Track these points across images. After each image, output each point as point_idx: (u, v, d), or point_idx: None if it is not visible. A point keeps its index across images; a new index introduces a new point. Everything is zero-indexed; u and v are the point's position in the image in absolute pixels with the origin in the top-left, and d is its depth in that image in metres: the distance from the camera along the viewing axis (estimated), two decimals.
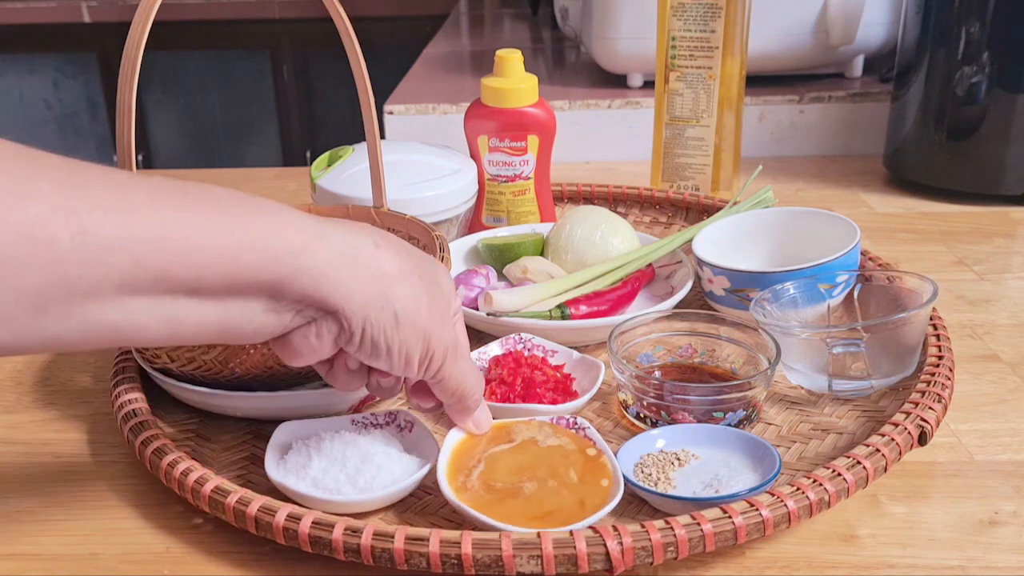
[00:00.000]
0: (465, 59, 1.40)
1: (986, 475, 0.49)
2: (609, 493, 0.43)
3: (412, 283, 0.38)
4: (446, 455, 0.45)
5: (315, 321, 0.37)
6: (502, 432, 0.47)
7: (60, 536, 0.46)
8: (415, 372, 0.40)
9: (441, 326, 0.40)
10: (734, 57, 0.83)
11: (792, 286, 0.58)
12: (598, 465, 0.45)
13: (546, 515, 0.42)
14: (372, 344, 0.38)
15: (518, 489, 0.43)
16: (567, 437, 0.47)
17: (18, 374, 0.62)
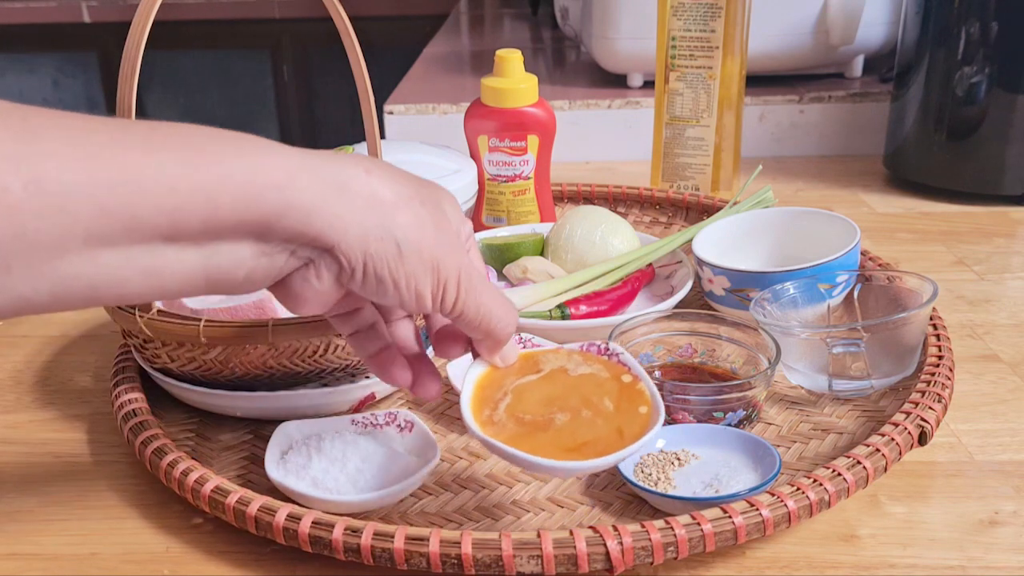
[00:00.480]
0: (465, 59, 1.40)
1: (986, 475, 0.49)
2: (649, 420, 0.40)
3: (412, 209, 0.35)
4: (469, 388, 0.41)
5: (312, 262, 0.34)
6: (529, 362, 0.43)
7: (60, 536, 0.46)
8: (429, 306, 0.36)
9: (451, 253, 0.36)
10: (734, 57, 0.83)
11: (792, 286, 0.58)
12: (634, 392, 0.41)
13: (581, 446, 0.39)
14: (377, 279, 0.34)
15: (549, 421, 0.40)
16: (599, 364, 0.43)
17: (18, 374, 0.62)
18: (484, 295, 0.38)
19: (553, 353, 0.44)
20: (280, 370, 0.51)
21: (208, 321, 0.49)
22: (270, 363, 0.50)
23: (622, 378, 0.42)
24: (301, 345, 0.50)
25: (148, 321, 0.50)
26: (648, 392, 0.41)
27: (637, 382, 0.42)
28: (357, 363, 0.53)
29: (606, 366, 0.43)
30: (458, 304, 0.37)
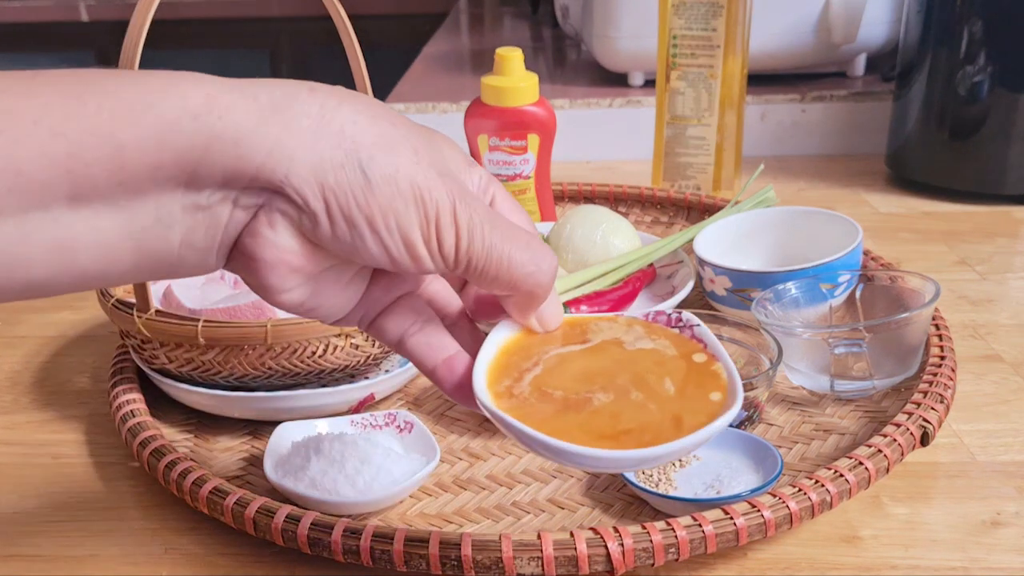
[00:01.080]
0: (465, 58, 1.40)
1: (988, 476, 0.49)
2: (722, 407, 0.30)
3: (379, 127, 0.27)
4: (491, 350, 0.32)
5: (261, 208, 0.27)
6: (575, 330, 0.33)
7: (58, 537, 0.46)
8: (424, 254, 0.28)
9: (440, 178, 0.28)
10: (735, 56, 0.83)
11: (794, 286, 0.58)
12: (708, 374, 0.32)
13: (621, 433, 0.29)
14: (347, 222, 0.27)
15: (584, 400, 0.30)
16: (667, 339, 0.33)
17: (15, 375, 0.62)
18: (499, 234, 0.29)
19: (608, 321, 0.34)
20: (279, 371, 0.51)
21: (206, 321, 0.49)
22: (269, 364, 0.50)
23: (693, 357, 0.33)
24: (300, 346, 0.50)
25: (146, 321, 0.50)
26: (726, 376, 0.31)
27: (713, 362, 0.32)
28: (356, 364, 0.53)
29: (675, 341, 0.33)
30: (462, 248, 0.28)
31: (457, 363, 0.31)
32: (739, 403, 0.29)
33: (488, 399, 0.30)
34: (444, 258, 0.28)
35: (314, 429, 0.50)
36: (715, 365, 0.32)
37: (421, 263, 0.28)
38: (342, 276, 0.30)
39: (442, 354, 0.32)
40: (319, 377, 0.52)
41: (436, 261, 0.28)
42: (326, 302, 0.30)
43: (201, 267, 0.28)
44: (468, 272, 0.29)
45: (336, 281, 0.30)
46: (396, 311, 0.32)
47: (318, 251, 0.28)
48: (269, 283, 0.28)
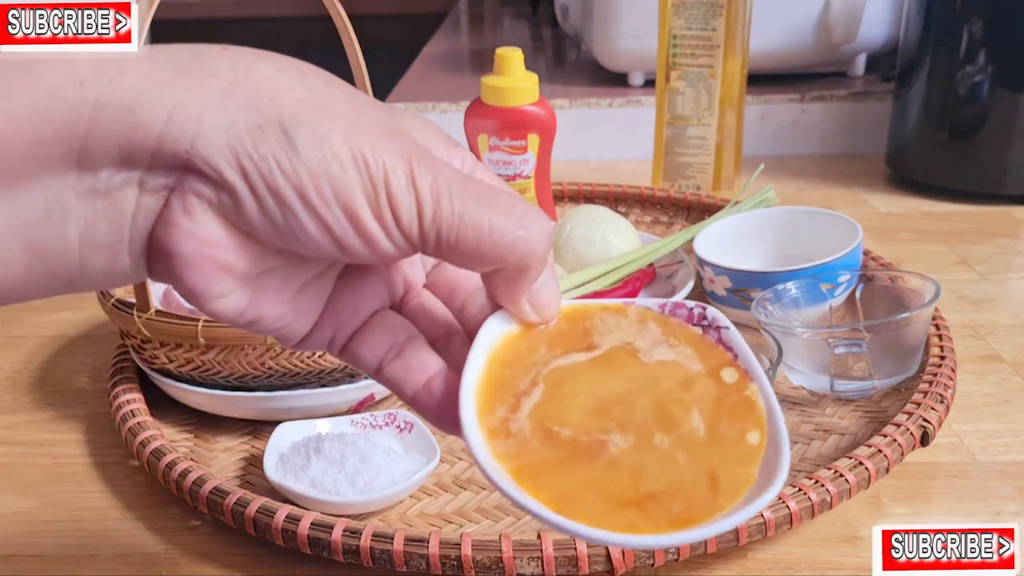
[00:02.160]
0: (465, 57, 1.40)
1: (988, 476, 0.49)
2: (761, 457, 0.24)
3: (308, 84, 0.23)
4: (478, 361, 0.26)
5: (173, 192, 0.22)
6: (578, 325, 0.28)
7: (58, 537, 0.46)
8: (378, 232, 0.23)
9: (388, 137, 0.23)
10: (735, 56, 0.83)
11: (794, 286, 0.58)
12: (742, 402, 0.25)
13: (646, 499, 0.23)
14: (273, 195, 0.22)
15: (598, 445, 0.24)
16: (688, 344, 0.27)
17: (15, 374, 0.62)
18: (472, 197, 0.23)
19: (616, 314, 0.28)
20: (278, 370, 0.51)
21: (206, 321, 0.49)
22: (268, 363, 0.50)
23: (722, 374, 0.26)
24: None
25: (146, 321, 0.50)
26: (763, 404, 0.25)
27: (746, 383, 0.26)
28: None
29: (698, 347, 0.27)
30: (425, 217, 0.23)
31: (438, 383, 0.26)
32: (786, 450, 0.23)
33: (480, 443, 0.24)
34: (405, 233, 0.23)
35: (314, 429, 0.50)
36: (749, 388, 0.26)
37: (374, 242, 0.23)
38: (290, 281, 0.25)
39: (422, 375, 0.26)
40: (319, 377, 0.52)
41: (395, 238, 0.23)
42: (271, 312, 0.25)
43: (112, 272, 0.23)
44: (440, 248, 0.23)
45: (282, 287, 0.25)
46: (369, 332, 0.27)
47: (250, 243, 0.23)
48: (194, 285, 0.23)
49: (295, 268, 0.25)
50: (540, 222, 0.24)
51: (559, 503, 0.23)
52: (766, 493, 0.22)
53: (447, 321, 0.28)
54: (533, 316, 0.27)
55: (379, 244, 0.23)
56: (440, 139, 0.26)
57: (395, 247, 0.23)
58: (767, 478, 0.23)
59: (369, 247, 0.23)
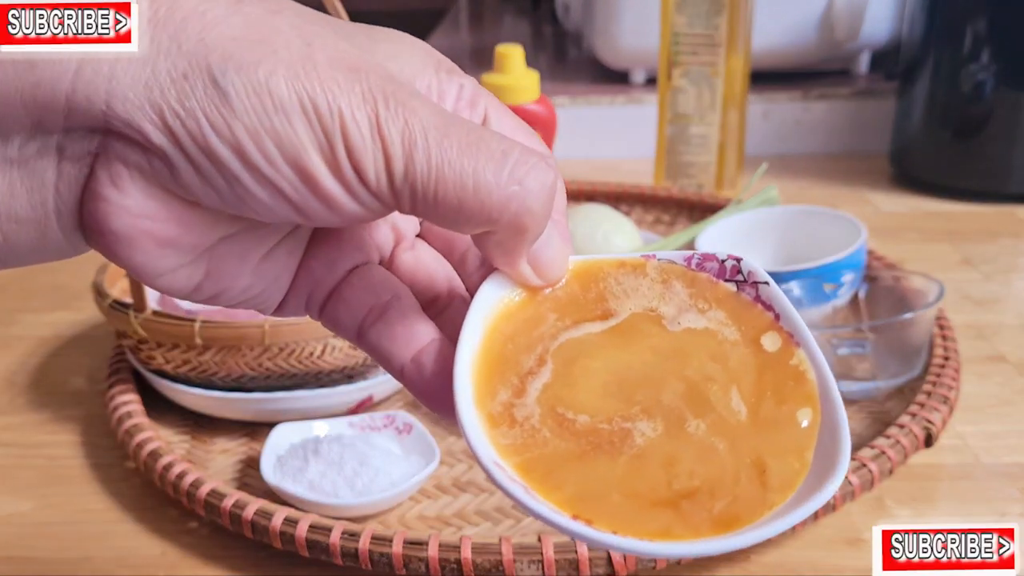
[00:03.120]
0: (465, 55, 1.39)
1: (993, 477, 0.48)
2: (814, 440, 0.20)
3: (244, 15, 0.19)
4: (474, 333, 0.22)
5: (97, 158, 0.19)
6: (590, 288, 0.23)
7: (54, 540, 0.45)
8: (339, 192, 0.19)
9: (355, 72, 0.19)
10: (738, 53, 0.83)
11: (797, 286, 0.57)
12: (788, 373, 0.22)
13: (682, 497, 0.19)
14: (209, 157, 0.18)
15: (621, 434, 0.21)
16: (721, 307, 0.23)
17: (11, 375, 0.61)
18: (455, 144, 0.19)
19: (634, 273, 0.24)
20: (276, 372, 0.50)
21: (204, 322, 0.49)
22: (266, 365, 0.50)
23: (763, 340, 0.22)
24: (297, 346, 0.49)
25: (143, 322, 0.50)
26: (814, 374, 0.21)
27: (792, 349, 0.22)
28: (354, 365, 0.52)
29: (733, 310, 0.23)
30: (396, 171, 0.19)
31: (429, 357, 0.22)
32: (845, 436, 0.20)
33: (480, 433, 0.20)
34: (373, 192, 0.19)
35: (312, 431, 0.49)
36: (796, 355, 0.22)
37: (336, 204, 0.19)
38: (253, 247, 0.21)
39: (411, 346, 0.22)
40: (317, 378, 0.52)
41: (361, 197, 0.19)
42: (234, 284, 0.21)
43: (43, 248, 0.20)
44: (417, 207, 0.19)
45: (244, 255, 0.21)
46: (346, 291, 0.23)
47: (196, 211, 0.19)
48: (134, 264, 0.20)
49: (257, 232, 0.21)
50: (538, 173, 0.20)
51: (577, 505, 0.19)
52: (826, 485, 0.19)
53: (446, 278, 0.24)
54: (535, 279, 0.23)
55: (343, 206, 0.19)
56: (429, 64, 0.22)
57: (363, 208, 0.19)
58: (824, 467, 0.19)
59: (332, 210, 0.19)
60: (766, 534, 0.19)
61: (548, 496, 0.19)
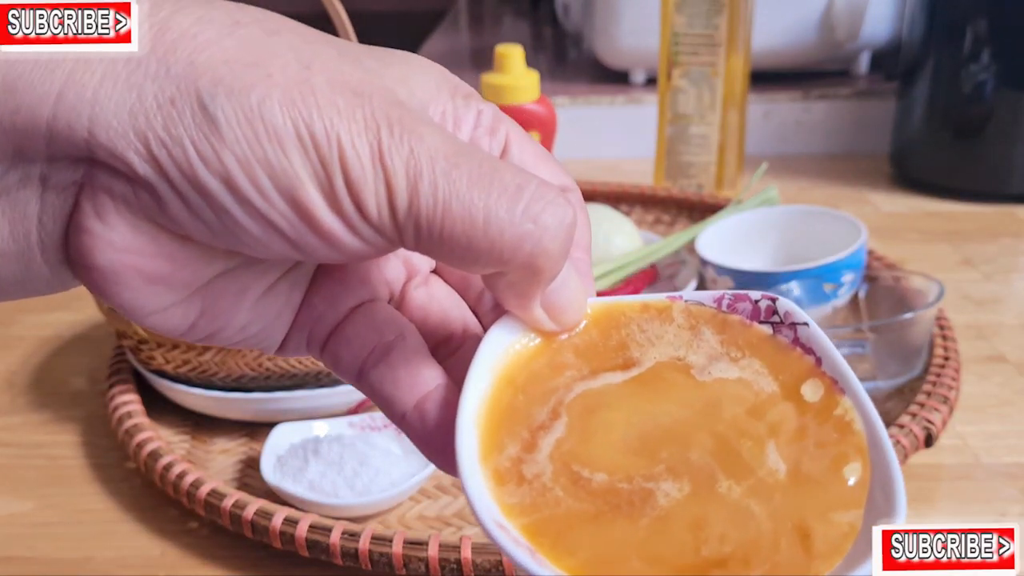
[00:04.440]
0: (465, 55, 1.40)
1: (993, 477, 0.48)
2: (864, 500, 0.19)
3: (239, 37, 0.18)
4: (481, 382, 0.20)
5: (83, 189, 0.18)
6: (611, 335, 0.22)
7: (54, 540, 0.45)
8: (338, 227, 0.18)
9: (358, 97, 0.18)
10: (738, 54, 0.83)
11: (797, 286, 0.57)
12: (834, 424, 0.20)
13: (710, 566, 0.18)
14: (199, 191, 0.17)
15: (643, 494, 0.19)
16: (755, 354, 0.21)
17: (11, 376, 0.61)
18: (464, 178, 0.18)
19: (659, 317, 0.22)
20: (276, 371, 0.50)
21: None
22: (266, 364, 0.50)
23: (803, 389, 0.20)
24: None
25: None
26: (861, 424, 0.19)
27: (836, 398, 0.20)
28: None
29: (770, 357, 0.21)
30: (399, 206, 0.18)
31: (433, 405, 0.20)
32: (900, 491, 0.18)
33: (483, 491, 0.18)
34: (375, 227, 0.18)
35: (312, 431, 0.49)
36: (841, 404, 0.20)
37: (336, 240, 0.18)
38: (251, 284, 0.20)
39: (415, 392, 0.20)
40: (317, 378, 0.52)
41: (362, 233, 0.18)
42: (232, 323, 0.20)
43: (28, 282, 0.19)
44: (422, 245, 0.18)
45: (241, 293, 0.20)
46: (348, 329, 0.21)
47: (188, 246, 0.18)
48: (121, 301, 0.18)
49: (256, 268, 0.20)
50: (555, 209, 0.18)
51: (591, 572, 0.17)
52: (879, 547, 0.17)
53: (460, 317, 0.23)
54: (550, 324, 0.21)
55: (342, 242, 0.18)
56: (444, 89, 0.20)
57: (364, 243, 0.18)
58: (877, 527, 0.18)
59: (330, 245, 0.18)
60: None
61: (559, 561, 0.17)
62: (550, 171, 0.22)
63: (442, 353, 0.22)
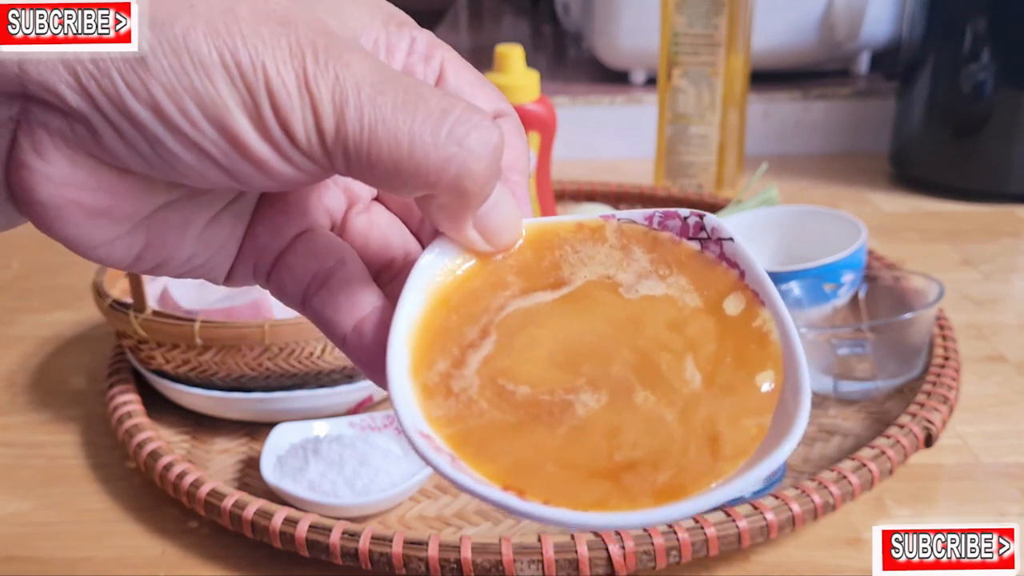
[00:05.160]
0: (465, 55, 1.38)
1: (992, 477, 0.48)
2: (777, 404, 0.19)
3: None
4: (415, 301, 0.21)
5: (20, 125, 0.18)
6: (544, 254, 0.22)
7: (54, 540, 0.45)
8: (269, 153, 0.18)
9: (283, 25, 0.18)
10: (738, 53, 0.83)
11: (797, 286, 0.57)
12: (751, 335, 0.20)
13: (623, 469, 0.18)
14: (128, 120, 0.17)
15: (562, 405, 0.19)
16: (683, 272, 0.22)
17: (11, 375, 0.61)
18: (389, 102, 0.18)
19: (592, 237, 0.23)
20: (276, 371, 0.50)
21: (203, 322, 0.49)
22: (266, 364, 0.50)
23: (725, 304, 0.21)
24: (297, 346, 0.49)
25: (143, 322, 0.50)
26: (778, 334, 0.20)
27: (756, 310, 0.21)
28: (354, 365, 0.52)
29: (695, 273, 0.22)
30: (326, 130, 0.18)
31: (370, 325, 0.21)
32: (806, 395, 0.19)
33: (409, 402, 0.19)
34: (305, 153, 0.18)
35: (312, 431, 0.49)
36: (760, 315, 0.20)
37: (268, 167, 0.18)
38: (195, 214, 0.21)
39: (354, 314, 0.21)
40: (317, 378, 0.52)
41: (294, 159, 0.18)
42: (177, 254, 0.21)
43: None
44: (352, 170, 0.18)
45: (185, 223, 0.20)
46: (290, 257, 0.22)
47: (129, 178, 0.18)
48: (65, 235, 0.19)
49: (198, 199, 0.20)
50: (480, 133, 0.18)
51: (509, 477, 0.18)
52: (781, 446, 0.17)
53: (402, 243, 0.23)
54: (484, 245, 0.21)
55: (274, 168, 0.18)
56: (377, 17, 0.20)
57: (297, 170, 0.18)
58: (782, 428, 0.18)
59: (264, 172, 0.18)
60: (708, 503, 0.17)
61: (480, 467, 0.18)
62: (486, 96, 0.22)
63: (384, 278, 0.23)
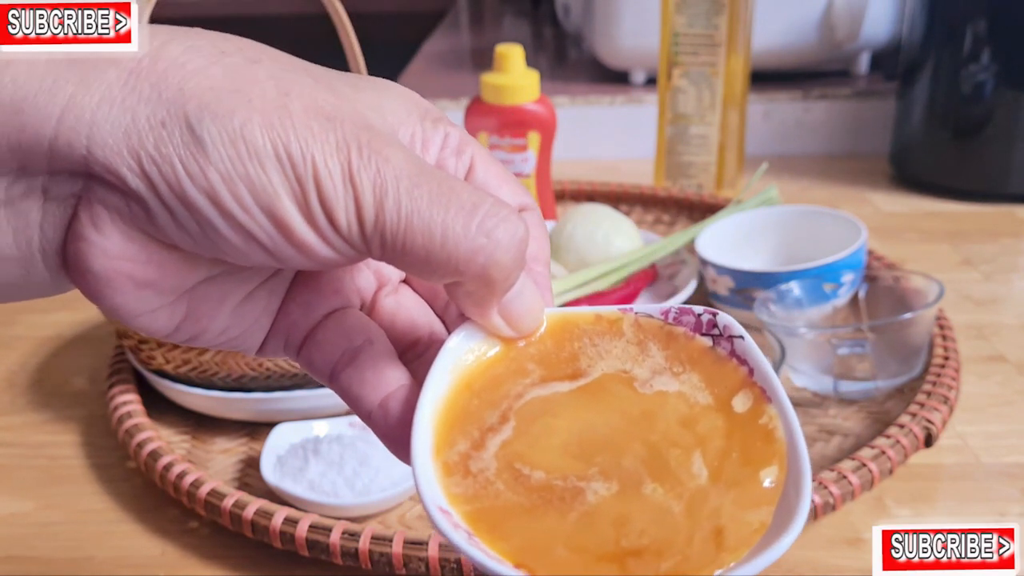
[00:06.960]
0: (465, 55, 1.40)
1: (993, 477, 0.48)
2: (776, 500, 0.20)
3: (224, 66, 0.20)
4: (441, 383, 0.22)
5: (81, 201, 0.19)
6: (564, 345, 0.24)
7: (54, 540, 0.46)
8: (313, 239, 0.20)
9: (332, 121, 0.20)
10: (738, 54, 0.83)
11: (797, 286, 0.57)
12: (757, 432, 0.21)
13: (628, 555, 0.19)
14: (184, 204, 0.19)
15: (574, 492, 0.21)
16: (695, 369, 0.23)
17: (12, 375, 0.61)
18: (425, 195, 0.20)
19: (610, 332, 0.24)
20: (276, 371, 0.50)
21: None
22: (266, 365, 0.50)
23: (734, 402, 0.22)
24: None
25: None
26: (783, 431, 0.21)
27: (763, 407, 0.22)
28: None
29: (707, 369, 0.23)
30: (366, 220, 0.19)
31: (395, 403, 0.22)
32: (807, 490, 0.20)
33: (431, 479, 0.20)
34: (346, 239, 0.20)
35: (312, 431, 0.49)
36: (766, 413, 0.21)
37: (311, 250, 0.20)
38: (233, 290, 0.22)
39: (380, 391, 0.22)
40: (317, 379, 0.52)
41: (335, 244, 0.20)
42: (213, 326, 0.22)
43: (28, 286, 0.21)
44: (387, 256, 0.20)
45: (223, 298, 0.22)
46: (320, 334, 0.23)
47: (176, 254, 0.20)
48: (113, 305, 0.20)
49: (237, 276, 0.22)
50: (507, 226, 0.20)
51: (521, 556, 0.19)
52: (781, 538, 0.18)
53: (427, 324, 0.24)
54: (507, 331, 0.23)
55: (316, 251, 0.20)
56: (414, 113, 0.22)
57: (336, 253, 0.20)
58: (783, 520, 0.19)
59: (305, 255, 0.20)
60: None
61: (494, 545, 0.19)
62: (511, 190, 0.24)
63: (409, 356, 0.24)
